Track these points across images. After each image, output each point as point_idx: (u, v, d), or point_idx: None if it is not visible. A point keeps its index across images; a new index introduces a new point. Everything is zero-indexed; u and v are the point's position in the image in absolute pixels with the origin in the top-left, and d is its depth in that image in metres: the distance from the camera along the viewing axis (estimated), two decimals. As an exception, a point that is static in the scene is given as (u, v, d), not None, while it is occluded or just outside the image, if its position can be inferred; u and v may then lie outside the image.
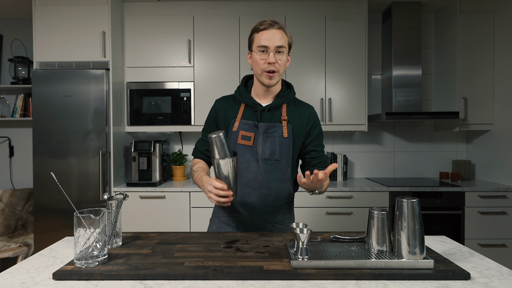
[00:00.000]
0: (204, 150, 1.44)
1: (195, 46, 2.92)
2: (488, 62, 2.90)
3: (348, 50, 2.92)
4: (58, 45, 2.72)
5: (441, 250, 1.17)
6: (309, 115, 1.39)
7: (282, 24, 1.32)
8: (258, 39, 1.29)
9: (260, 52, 1.29)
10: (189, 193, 2.67)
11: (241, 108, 1.37)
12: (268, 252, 1.10)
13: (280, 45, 1.28)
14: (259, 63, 1.30)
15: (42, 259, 1.09)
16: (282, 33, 1.30)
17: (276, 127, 1.33)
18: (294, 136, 1.35)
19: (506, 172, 2.77)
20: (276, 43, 1.27)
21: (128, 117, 2.91)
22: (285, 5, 2.94)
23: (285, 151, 1.33)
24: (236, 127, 1.34)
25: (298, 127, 1.36)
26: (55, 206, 2.63)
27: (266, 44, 1.27)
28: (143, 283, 0.90)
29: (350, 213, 2.66)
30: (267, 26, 1.28)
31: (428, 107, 3.27)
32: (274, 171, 1.33)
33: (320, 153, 1.41)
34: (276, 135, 1.32)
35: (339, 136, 3.29)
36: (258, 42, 1.29)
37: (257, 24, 1.31)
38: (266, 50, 1.28)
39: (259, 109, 1.34)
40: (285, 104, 1.37)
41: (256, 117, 1.35)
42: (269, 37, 1.27)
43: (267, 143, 1.32)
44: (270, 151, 1.32)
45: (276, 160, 1.33)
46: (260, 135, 1.32)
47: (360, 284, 0.90)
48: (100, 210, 1.01)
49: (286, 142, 1.33)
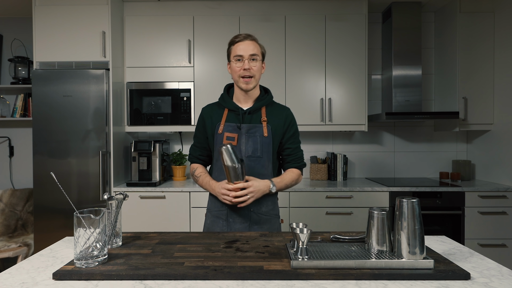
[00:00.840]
0: (198, 155, 1.61)
1: (195, 46, 2.92)
2: (488, 62, 2.90)
3: (348, 50, 2.92)
4: (58, 45, 2.72)
5: (441, 250, 1.17)
6: (286, 116, 1.56)
7: (255, 36, 1.51)
8: (234, 50, 1.49)
9: (236, 60, 1.48)
10: (189, 193, 2.67)
11: (225, 113, 1.53)
12: (268, 252, 1.10)
13: (253, 53, 1.46)
14: (236, 70, 1.48)
15: (42, 259, 1.09)
16: (255, 43, 1.49)
17: (257, 128, 1.49)
18: (273, 135, 1.51)
19: (506, 172, 2.77)
20: (250, 52, 1.46)
21: (128, 117, 2.91)
22: (285, 5, 2.94)
23: (266, 148, 1.49)
24: (221, 129, 1.50)
25: (277, 127, 1.52)
26: (55, 206, 2.63)
27: (241, 53, 1.46)
28: (143, 283, 0.90)
29: (350, 213, 2.66)
30: (241, 38, 1.48)
31: (428, 107, 3.27)
32: (257, 167, 1.48)
33: (294, 150, 1.58)
34: (258, 134, 1.48)
35: (339, 136, 3.29)
36: (234, 52, 1.48)
37: (233, 37, 1.51)
38: (241, 58, 1.46)
39: (240, 112, 1.50)
40: (264, 107, 1.54)
41: (238, 120, 1.50)
42: (244, 47, 1.46)
43: (250, 142, 1.48)
44: (253, 149, 1.47)
45: (258, 157, 1.48)
46: (243, 135, 1.48)
47: (360, 284, 0.90)
48: (100, 210, 1.01)
49: (267, 140, 1.49)
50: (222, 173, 1.49)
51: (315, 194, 2.67)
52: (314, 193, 2.67)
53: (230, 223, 1.49)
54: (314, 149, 3.28)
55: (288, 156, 1.58)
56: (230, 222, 1.49)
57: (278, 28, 2.92)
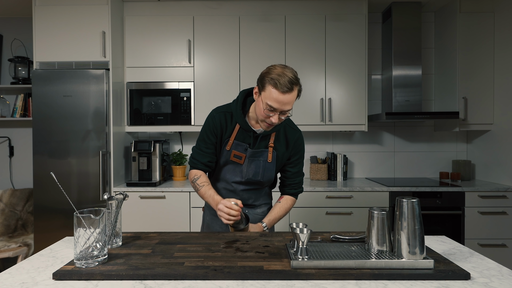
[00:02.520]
0: (207, 161, 1.48)
1: (195, 46, 2.92)
2: (488, 62, 2.90)
3: (348, 50, 2.92)
4: (58, 45, 2.72)
5: (441, 250, 1.17)
6: (295, 140, 1.49)
7: (299, 82, 1.28)
8: (272, 96, 1.25)
9: (268, 109, 1.28)
10: (189, 193, 2.67)
11: (236, 128, 1.44)
12: (268, 252, 1.10)
13: (288, 109, 1.29)
14: (263, 115, 1.31)
15: (42, 259, 1.09)
16: (295, 95, 1.27)
17: (262, 152, 1.44)
18: (278, 160, 1.48)
19: (506, 172, 2.77)
20: (286, 107, 1.27)
21: (128, 117, 2.91)
22: (285, 5, 2.94)
23: (267, 173, 1.47)
24: (229, 146, 1.44)
25: (283, 153, 1.48)
26: (55, 206, 2.63)
27: (276, 107, 1.26)
28: (143, 283, 0.90)
29: (350, 213, 2.66)
30: (286, 90, 1.23)
31: (428, 107, 3.27)
32: (254, 189, 1.52)
33: (295, 174, 1.54)
34: (261, 159, 1.45)
35: (339, 136, 3.29)
36: (270, 99, 1.25)
37: (278, 76, 1.23)
38: (274, 110, 1.28)
39: (252, 135, 1.43)
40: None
41: (248, 140, 1.44)
42: (283, 101, 1.25)
43: (252, 166, 1.45)
44: (254, 173, 1.46)
45: (259, 181, 1.48)
46: (247, 158, 1.44)
47: (360, 284, 0.90)
48: (100, 210, 1.01)
49: (270, 166, 1.46)
50: (221, 182, 1.54)
51: (315, 194, 2.67)
52: (314, 193, 2.67)
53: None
54: (314, 149, 3.28)
55: (287, 179, 1.55)
56: None
57: (278, 28, 2.92)
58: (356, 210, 2.66)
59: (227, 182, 1.51)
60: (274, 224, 1.52)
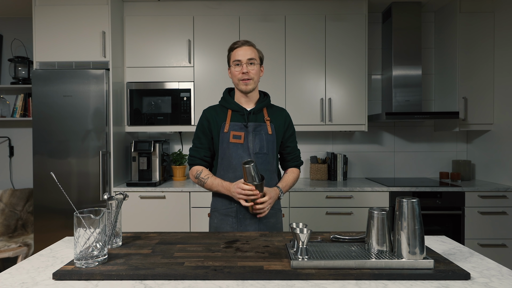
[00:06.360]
0: (203, 156, 1.61)
1: (195, 46, 2.92)
2: (488, 62, 2.90)
3: (348, 50, 2.92)
4: (58, 45, 2.72)
5: (441, 250, 1.17)
6: (285, 116, 1.67)
7: (252, 42, 1.59)
8: (233, 55, 1.56)
9: (236, 65, 1.55)
10: (189, 193, 2.67)
11: (229, 113, 1.59)
12: (268, 252, 1.10)
13: (251, 58, 1.54)
14: (235, 74, 1.55)
15: (42, 259, 1.09)
16: (253, 48, 1.57)
17: (262, 126, 1.58)
18: (276, 133, 1.61)
19: (506, 172, 2.77)
20: (248, 56, 1.53)
21: (128, 117, 2.91)
22: (285, 5, 2.94)
23: (270, 145, 1.58)
24: (227, 128, 1.55)
25: (279, 126, 1.62)
26: (55, 206, 2.63)
27: (240, 58, 1.53)
28: (143, 283, 0.90)
29: (350, 213, 2.66)
30: (240, 44, 1.55)
31: (428, 107, 3.27)
32: (264, 163, 1.56)
33: (293, 149, 1.70)
34: (263, 132, 1.57)
35: (339, 136, 3.29)
36: (233, 57, 1.56)
37: (232, 44, 1.58)
38: (240, 63, 1.53)
39: (245, 112, 1.57)
40: (265, 108, 1.63)
41: (244, 119, 1.57)
42: (242, 53, 1.54)
43: (256, 140, 1.55)
44: (259, 146, 1.55)
45: (265, 154, 1.56)
46: (250, 133, 1.55)
47: (360, 284, 0.90)
48: (100, 210, 1.01)
49: (271, 138, 1.58)
50: (228, 171, 1.54)
51: (315, 194, 2.67)
52: (314, 193, 2.67)
53: (240, 219, 1.54)
54: (314, 149, 3.28)
55: (288, 154, 1.69)
56: (240, 218, 1.55)
57: (278, 28, 2.92)
58: (356, 210, 2.66)
59: (235, 168, 1.54)
60: (287, 191, 1.63)
